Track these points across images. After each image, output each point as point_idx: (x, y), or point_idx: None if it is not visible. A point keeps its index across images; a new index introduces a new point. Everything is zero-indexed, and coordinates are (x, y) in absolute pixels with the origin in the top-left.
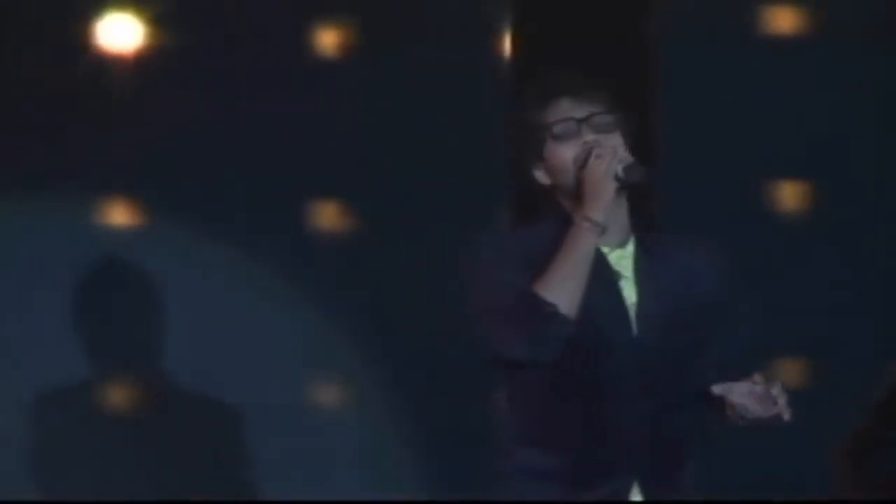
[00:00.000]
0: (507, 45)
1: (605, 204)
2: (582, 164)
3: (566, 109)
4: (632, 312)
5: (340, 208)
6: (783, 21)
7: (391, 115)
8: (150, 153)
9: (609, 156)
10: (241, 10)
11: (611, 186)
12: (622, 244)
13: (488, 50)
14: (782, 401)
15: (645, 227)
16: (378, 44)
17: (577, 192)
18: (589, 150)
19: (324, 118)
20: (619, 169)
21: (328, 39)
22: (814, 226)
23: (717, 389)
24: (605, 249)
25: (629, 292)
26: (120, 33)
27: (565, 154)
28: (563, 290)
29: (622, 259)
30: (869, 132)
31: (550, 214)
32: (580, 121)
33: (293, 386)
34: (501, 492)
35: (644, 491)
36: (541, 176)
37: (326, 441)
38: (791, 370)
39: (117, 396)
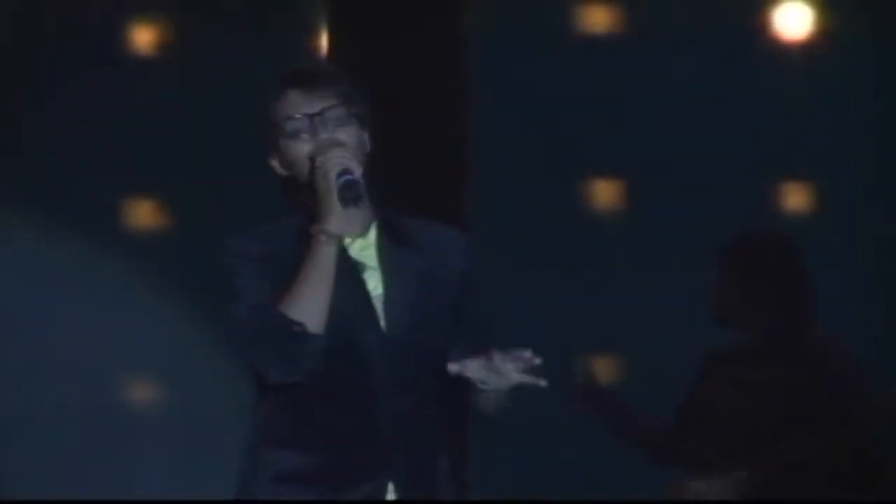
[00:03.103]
0: (323, 43)
1: (336, 216)
2: (309, 173)
3: (296, 104)
4: (378, 304)
5: (154, 206)
6: (597, 20)
7: (207, 113)
8: None
9: (330, 167)
10: (56, 4)
11: (336, 199)
12: (364, 232)
13: (304, 48)
14: (512, 369)
15: (386, 210)
16: (194, 41)
17: (313, 205)
18: (313, 157)
19: (139, 116)
20: (338, 185)
21: (143, 36)
22: (627, 224)
23: (452, 368)
24: (346, 240)
25: (374, 283)
26: None
27: (298, 150)
28: (308, 306)
29: (365, 248)
30: (683, 131)
31: (292, 208)
32: (312, 116)
33: (105, 385)
34: (251, 495)
35: (399, 489)
36: (277, 166)
37: (138, 441)
38: (604, 366)
39: None
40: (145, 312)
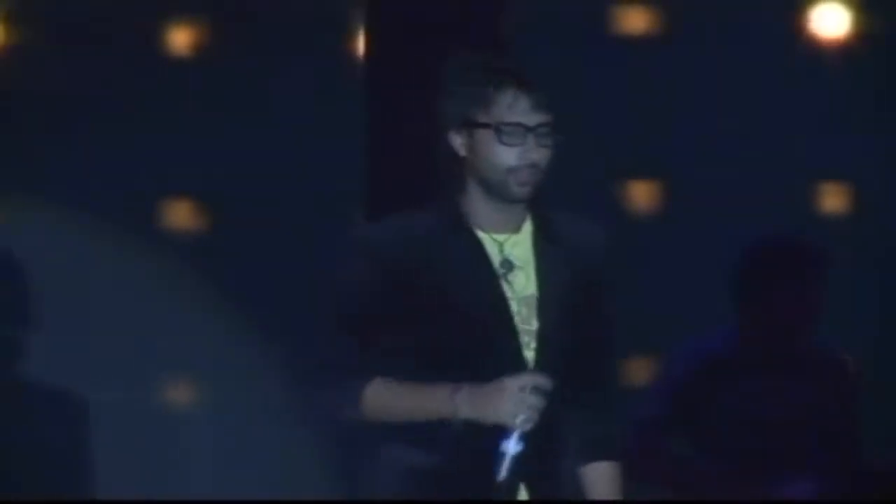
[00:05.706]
0: (360, 43)
1: (479, 412)
2: (498, 381)
3: (522, 111)
4: (522, 304)
5: (193, 207)
6: (636, 21)
7: (245, 112)
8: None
9: (517, 398)
10: (93, 7)
11: (501, 417)
12: (517, 228)
13: (342, 48)
14: None
15: (538, 207)
16: (231, 42)
17: (476, 388)
18: (511, 380)
19: (177, 116)
20: (519, 420)
21: (181, 37)
22: (665, 224)
23: None
24: (499, 238)
25: (524, 282)
26: None
27: (502, 156)
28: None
29: (516, 246)
30: (721, 132)
31: (436, 203)
32: (529, 129)
33: (145, 385)
34: (373, 491)
35: (529, 486)
36: (457, 144)
37: (178, 441)
38: (640, 369)
39: None
40: (184, 313)
